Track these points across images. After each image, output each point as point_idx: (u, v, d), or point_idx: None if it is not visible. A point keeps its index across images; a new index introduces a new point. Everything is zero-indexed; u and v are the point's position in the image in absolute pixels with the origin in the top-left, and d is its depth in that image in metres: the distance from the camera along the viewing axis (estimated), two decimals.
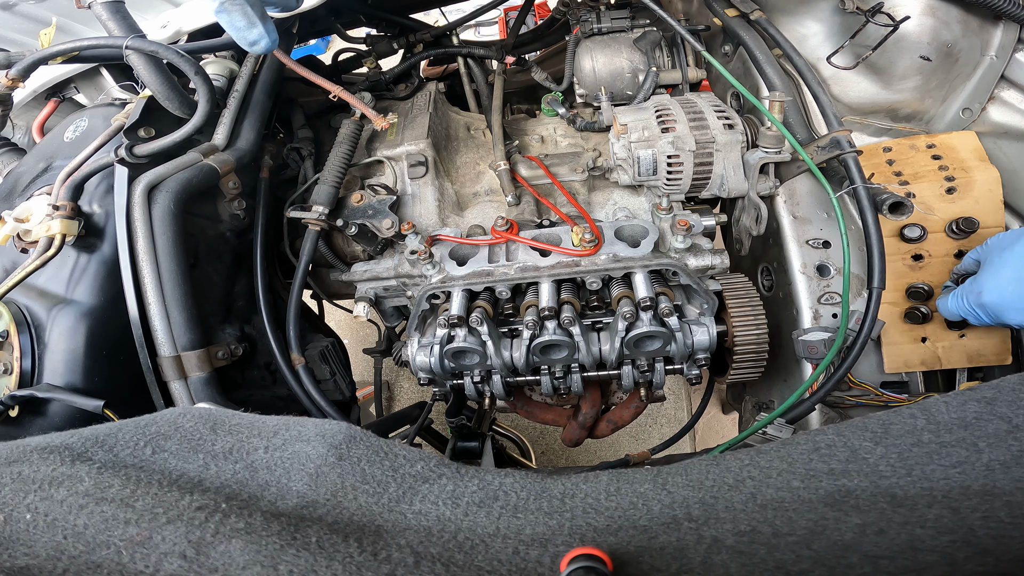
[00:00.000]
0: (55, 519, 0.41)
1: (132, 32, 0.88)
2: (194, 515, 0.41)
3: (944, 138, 1.03)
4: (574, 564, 0.36)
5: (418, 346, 0.90)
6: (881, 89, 1.06)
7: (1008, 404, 0.46)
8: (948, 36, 0.98)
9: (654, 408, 1.97)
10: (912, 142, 1.04)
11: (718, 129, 0.94)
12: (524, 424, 1.92)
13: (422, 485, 0.48)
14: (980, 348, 0.98)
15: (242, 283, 1.06)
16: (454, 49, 1.38)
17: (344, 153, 1.02)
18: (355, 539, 0.41)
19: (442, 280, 0.90)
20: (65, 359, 0.82)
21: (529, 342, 0.85)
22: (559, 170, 1.10)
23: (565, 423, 1.06)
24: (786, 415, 0.91)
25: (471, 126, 1.24)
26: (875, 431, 0.49)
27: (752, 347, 0.90)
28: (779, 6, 1.09)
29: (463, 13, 1.53)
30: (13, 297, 0.86)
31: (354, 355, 1.48)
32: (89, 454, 0.48)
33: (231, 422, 0.55)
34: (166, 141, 0.89)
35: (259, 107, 1.02)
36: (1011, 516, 0.38)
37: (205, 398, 0.86)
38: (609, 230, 0.92)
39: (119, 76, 1.23)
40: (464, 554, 0.41)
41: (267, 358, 1.05)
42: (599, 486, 0.48)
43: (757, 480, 0.47)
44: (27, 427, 0.79)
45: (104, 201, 0.89)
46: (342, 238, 1.10)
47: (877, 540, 0.38)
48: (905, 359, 1.00)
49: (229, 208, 1.02)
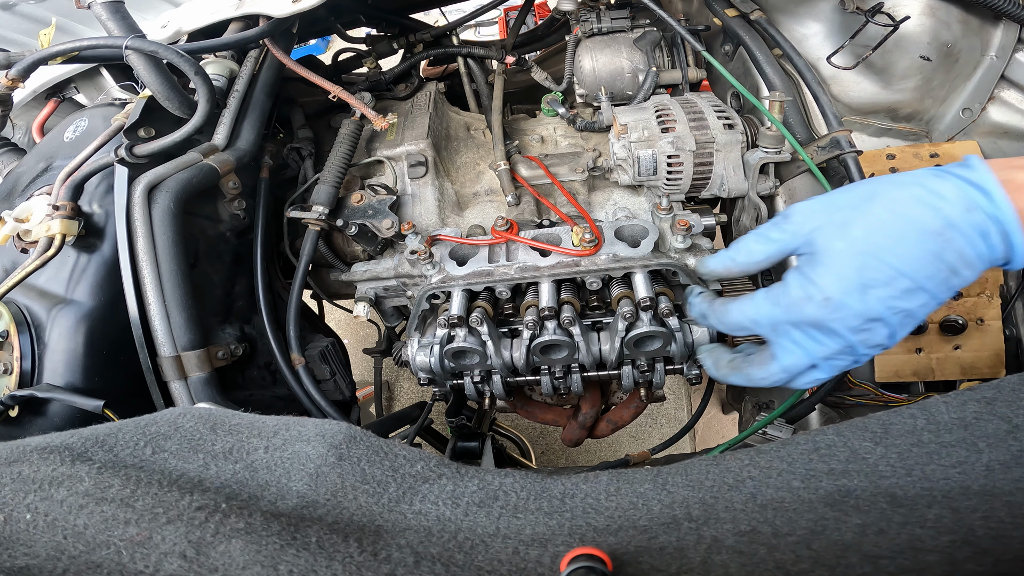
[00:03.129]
0: (55, 519, 0.41)
1: (132, 32, 0.88)
2: (194, 515, 0.41)
3: (948, 147, 1.03)
4: (574, 564, 0.36)
5: (418, 346, 0.89)
6: (881, 89, 1.06)
7: (1008, 404, 0.46)
8: (948, 36, 0.98)
9: (654, 408, 1.97)
10: (916, 150, 1.04)
11: (718, 129, 0.94)
12: (524, 424, 1.92)
13: (422, 485, 0.48)
14: (974, 360, 0.98)
15: (242, 283, 1.06)
16: (454, 49, 1.38)
17: (344, 153, 1.02)
18: (355, 539, 0.41)
19: (442, 280, 0.90)
20: (65, 359, 0.82)
21: (529, 342, 0.85)
22: (559, 170, 1.10)
23: (565, 423, 1.06)
24: (786, 415, 0.91)
25: (471, 126, 1.24)
26: (875, 431, 0.49)
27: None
28: (779, 6, 1.09)
29: (463, 13, 1.53)
30: (13, 297, 0.86)
31: (354, 355, 1.48)
32: (89, 454, 0.48)
33: (231, 422, 0.55)
34: (166, 141, 0.89)
35: (259, 107, 1.02)
36: (1011, 516, 0.38)
37: (205, 398, 0.86)
38: (609, 230, 0.92)
39: (119, 76, 1.23)
40: (464, 554, 0.41)
41: (267, 358, 1.05)
42: (599, 486, 0.48)
43: (757, 480, 0.47)
44: (27, 427, 0.79)
45: (104, 201, 0.89)
46: (342, 238, 1.10)
47: (877, 540, 0.38)
48: (896, 369, 1.00)
49: (229, 208, 1.02)
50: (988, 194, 0.46)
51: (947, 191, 0.48)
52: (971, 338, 0.98)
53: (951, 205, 0.47)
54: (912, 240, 0.48)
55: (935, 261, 0.48)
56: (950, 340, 0.99)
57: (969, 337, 0.98)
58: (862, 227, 0.50)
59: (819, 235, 0.53)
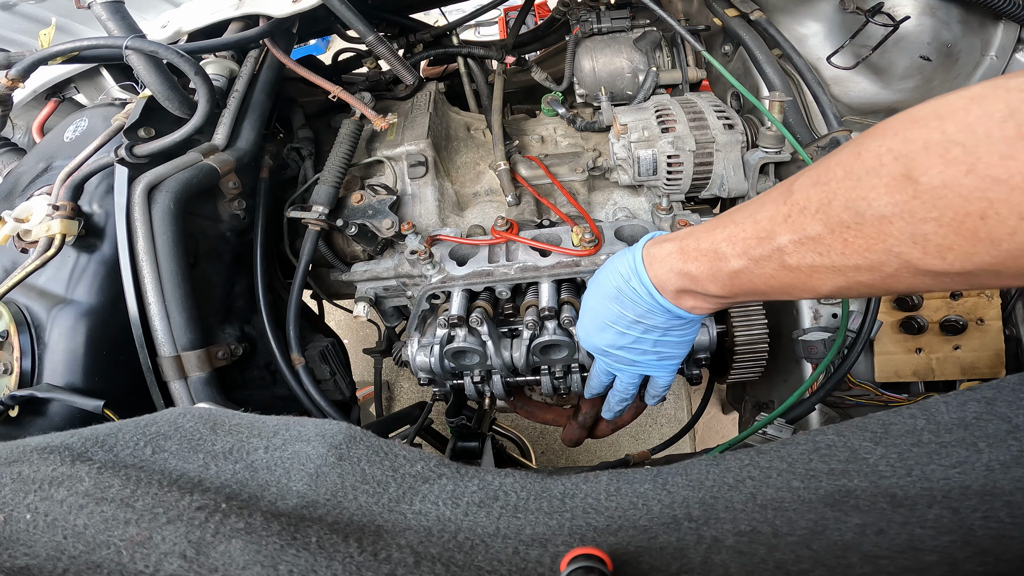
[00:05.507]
0: (55, 519, 0.41)
1: (132, 32, 0.88)
2: (194, 515, 0.41)
3: None
4: (574, 564, 0.36)
5: (418, 346, 0.89)
6: (881, 89, 1.06)
7: (1008, 404, 0.46)
8: (948, 36, 0.98)
9: (654, 408, 1.97)
10: None
11: (718, 129, 0.94)
12: (524, 424, 1.92)
13: (422, 485, 0.48)
14: (974, 360, 0.98)
15: (242, 283, 1.06)
16: (454, 49, 1.38)
17: (344, 153, 1.02)
18: (355, 539, 0.41)
19: (442, 280, 0.90)
20: (65, 359, 0.82)
21: (529, 342, 0.85)
22: (559, 170, 1.10)
23: (565, 423, 1.06)
24: (786, 415, 0.91)
25: (471, 126, 1.24)
26: (875, 431, 0.49)
27: (752, 347, 0.90)
28: (779, 6, 1.09)
29: (463, 13, 1.53)
30: (13, 297, 0.86)
31: (354, 355, 1.48)
32: (89, 454, 0.48)
33: (231, 422, 0.55)
34: (166, 141, 0.89)
35: (259, 107, 1.02)
36: (1011, 516, 0.38)
37: (205, 398, 0.86)
38: (609, 230, 0.92)
39: (119, 76, 1.23)
40: (464, 554, 0.41)
41: (267, 358, 1.05)
42: (599, 486, 0.48)
43: (757, 480, 0.47)
44: (27, 427, 0.79)
45: (104, 201, 0.89)
46: (342, 238, 1.10)
47: (877, 540, 0.38)
48: (896, 369, 1.00)
49: (229, 208, 1.02)
50: (636, 266, 0.63)
51: (621, 266, 0.65)
52: (971, 338, 0.98)
53: (620, 276, 0.65)
54: (604, 300, 0.68)
55: (619, 312, 0.67)
56: (950, 340, 0.99)
57: (969, 337, 0.98)
58: (588, 294, 0.73)
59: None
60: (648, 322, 0.66)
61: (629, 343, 0.70)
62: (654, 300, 0.63)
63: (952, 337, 0.99)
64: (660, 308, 0.64)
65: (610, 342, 0.71)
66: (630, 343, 0.70)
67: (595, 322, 0.71)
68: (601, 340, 0.72)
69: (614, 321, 0.68)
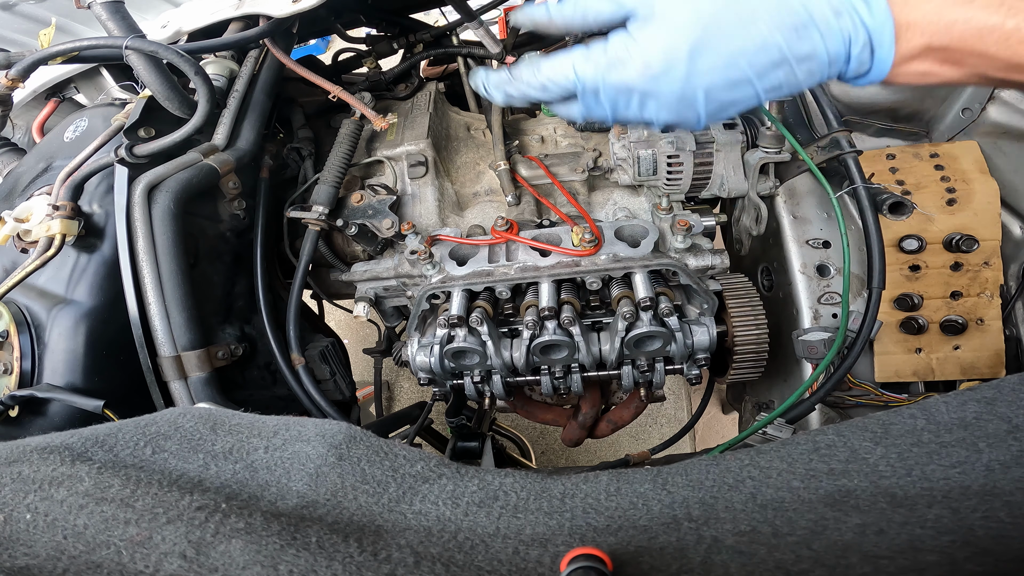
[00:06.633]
0: (55, 519, 0.41)
1: (132, 32, 0.88)
2: (194, 515, 0.41)
3: (948, 147, 1.03)
4: (574, 564, 0.36)
5: (418, 346, 0.89)
6: (881, 89, 1.06)
7: (1008, 404, 0.46)
8: None
9: (654, 408, 1.97)
10: (916, 150, 1.04)
11: (718, 129, 0.94)
12: (524, 424, 1.92)
13: (422, 485, 0.48)
14: (974, 360, 0.98)
15: (242, 283, 1.06)
16: (454, 49, 1.38)
17: (344, 153, 1.02)
18: (355, 539, 0.41)
19: (442, 280, 0.90)
20: (65, 359, 0.82)
21: (529, 342, 0.85)
22: (559, 170, 1.10)
23: (565, 423, 1.06)
24: (786, 415, 0.91)
25: (471, 126, 1.24)
26: (875, 431, 0.49)
27: (752, 347, 0.90)
28: None
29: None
30: (13, 297, 0.86)
31: (354, 355, 1.48)
32: (89, 454, 0.48)
33: (231, 422, 0.55)
34: (166, 141, 0.89)
35: (259, 107, 1.02)
36: (1011, 516, 0.38)
37: (205, 398, 0.86)
38: (609, 230, 0.92)
39: (119, 76, 1.23)
40: (464, 554, 0.41)
41: (267, 358, 1.05)
42: (599, 486, 0.48)
43: (757, 480, 0.47)
44: (27, 427, 0.79)
45: (104, 201, 0.89)
46: (342, 238, 1.10)
47: (877, 540, 0.38)
48: (897, 369, 1.00)
49: (229, 208, 1.02)
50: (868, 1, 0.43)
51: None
52: (971, 338, 0.98)
53: (820, 2, 0.43)
54: (763, 29, 0.43)
55: (778, 59, 0.44)
56: (950, 340, 0.99)
57: (969, 337, 0.99)
58: (712, 2, 0.45)
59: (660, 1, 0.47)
60: (802, 77, 0.45)
61: (739, 97, 0.47)
62: (872, 58, 0.44)
63: (952, 337, 0.99)
64: (856, 70, 0.44)
65: (717, 93, 0.47)
66: (740, 97, 0.47)
67: (716, 53, 0.45)
68: (707, 83, 0.46)
69: (756, 62, 0.45)
